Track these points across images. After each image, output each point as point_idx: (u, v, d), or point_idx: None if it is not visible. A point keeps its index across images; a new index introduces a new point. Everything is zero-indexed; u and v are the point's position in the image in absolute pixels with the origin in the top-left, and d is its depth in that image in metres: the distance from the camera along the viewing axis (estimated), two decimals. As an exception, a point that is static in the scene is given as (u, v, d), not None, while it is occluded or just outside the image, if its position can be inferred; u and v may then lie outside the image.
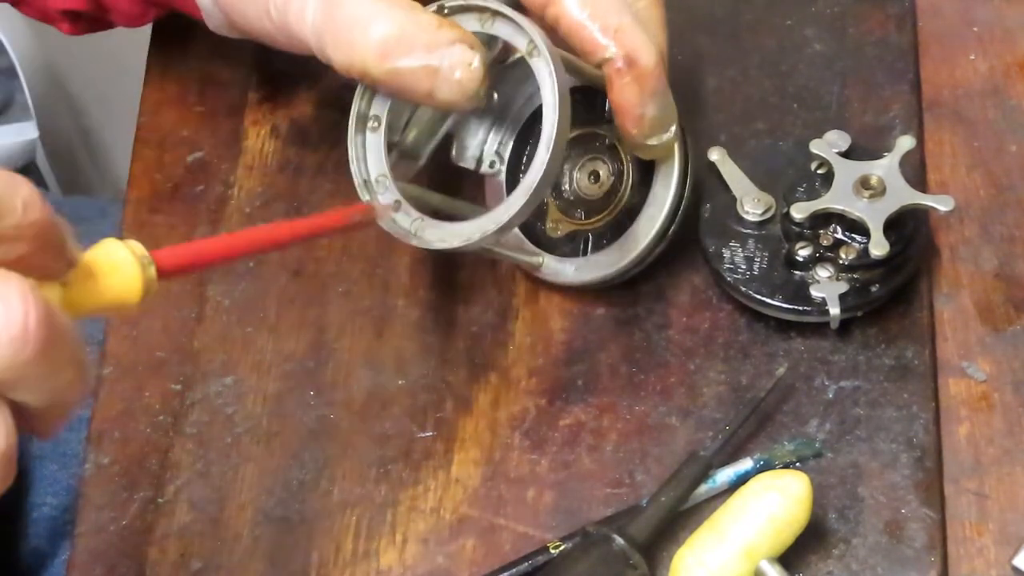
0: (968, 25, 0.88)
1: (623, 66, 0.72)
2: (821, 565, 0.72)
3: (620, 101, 0.73)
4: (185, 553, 0.75)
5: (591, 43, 0.72)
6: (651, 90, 0.72)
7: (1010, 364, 0.77)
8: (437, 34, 0.70)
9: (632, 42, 0.71)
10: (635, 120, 0.73)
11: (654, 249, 0.78)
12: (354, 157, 0.76)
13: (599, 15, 0.71)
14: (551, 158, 0.70)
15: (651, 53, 0.72)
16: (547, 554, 0.73)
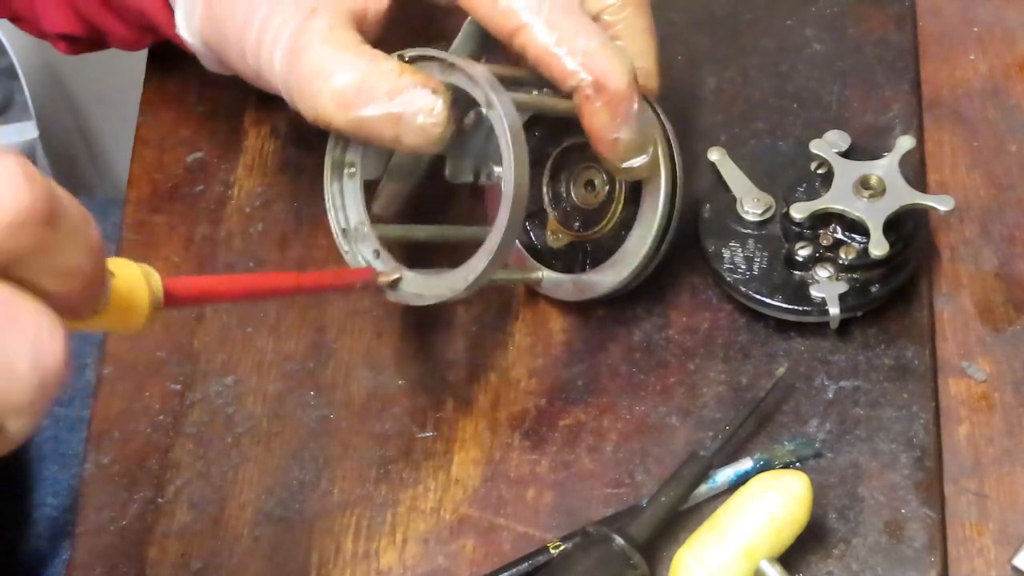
0: (968, 25, 0.88)
1: (592, 92, 0.70)
2: (821, 565, 0.72)
3: (592, 128, 0.71)
4: (185, 553, 0.75)
5: (559, 71, 0.70)
6: (623, 115, 0.71)
7: (1010, 364, 0.77)
8: (398, 81, 0.69)
9: (601, 66, 0.70)
10: (609, 146, 0.72)
11: (648, 266, 0.77)
12: (332, 206, 0.76)
13: (566, 40, 0.70)
14: (511, 219, 0.70)
15: (621, 76, 0.70)
16: (547, 554, 0.73)
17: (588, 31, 0.70)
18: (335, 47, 0.69)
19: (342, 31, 0.70)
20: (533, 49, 0.70)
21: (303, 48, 0.70)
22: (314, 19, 0.70)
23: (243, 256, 0.82)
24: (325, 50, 0.69)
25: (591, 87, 0.70)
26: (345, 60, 0.69)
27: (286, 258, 0.83)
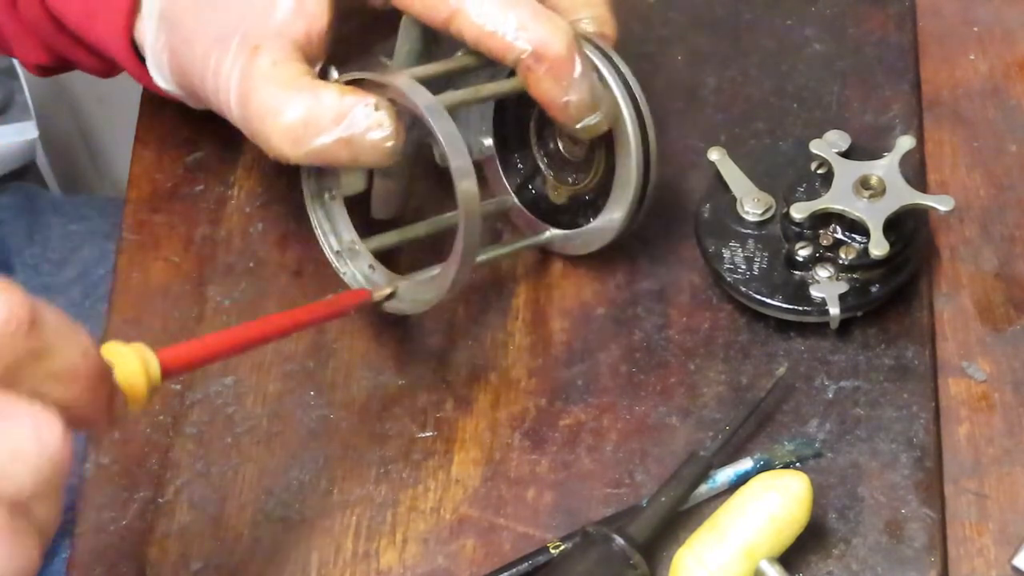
0: (968, 25, 0.88)
1: (533, 62, 0.71)
2: (821, 565, 0.72)
3: (540, 96, 0.73)
4: (185, 553, 0.75)
5: (497, 49, 0.71)
6: (567, 77, 0.72)
7: (1010, 364, 0.77)
8: (341, 105, 0.70)
9: (536, 36, 0.71)
10: (560, 109, 0.73)
11: (640, 205, 0.77)
12: (321, 232, 0.78)
13: (497, 17, 0.71)
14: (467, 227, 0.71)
15: (559, 40, 0.71)
16: (547, 554, 0.73)
17: (518, 2, 0.71)
18: (279, 85, 0.71)
19: (285, 66, 0.71)
20: (469, 33, 0.72)
21: (251, 90, 0.71)
22: (257, 58, 0.71)
23: (243, 256, 0.82)
24: (270, 90, 0.71)
25: (531, 57, 0.71)
26: (288, 97, 0.71)
27: (286, 258, 0.83)
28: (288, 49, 0.72)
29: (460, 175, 0.71)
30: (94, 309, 0.99)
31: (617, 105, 0.75)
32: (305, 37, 0.72)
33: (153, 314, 0.82)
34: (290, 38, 0.72)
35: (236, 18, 0.73)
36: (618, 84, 0.75)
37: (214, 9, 0.74)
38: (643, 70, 0.87)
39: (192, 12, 0.75)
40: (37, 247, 1.02)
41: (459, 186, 0.71)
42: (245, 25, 0.73)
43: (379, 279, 0.78)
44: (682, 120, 0.86)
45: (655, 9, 0.90)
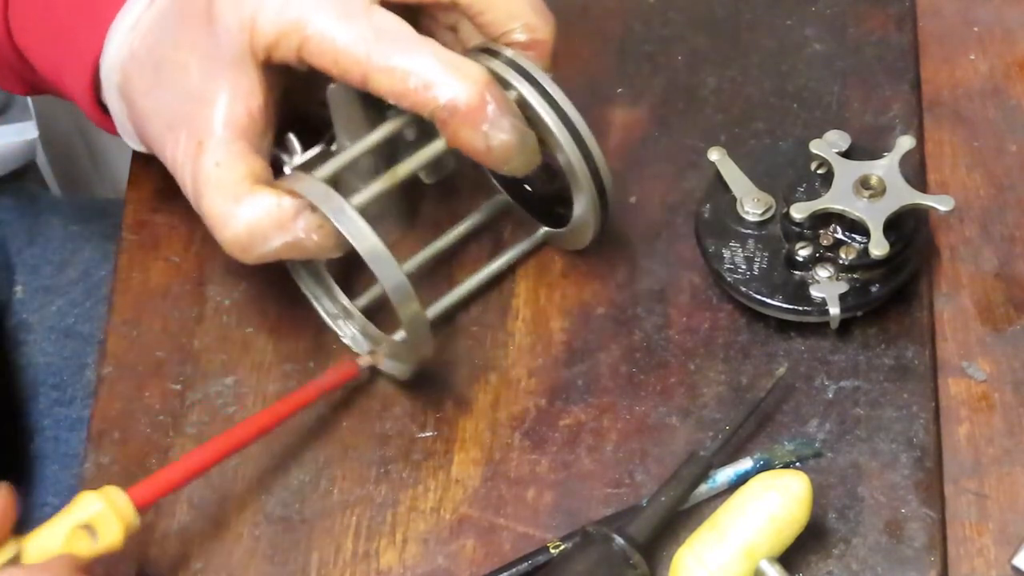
0: (968, 25, 0.88)
1: (447, 114, 0.71)
2: (821, 565, 0.72)
3: (460, 146, 0.72)
4: (185, 553, 0.75)
5: (412, 104, 0.71)
6: (483, 123, 0.71)
7: (1010, 364, 0.77)
8: (282, 214, 0.72)
9: (445, 87, 0.71)
10: (484, 156, 0.72)
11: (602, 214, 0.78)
12: (313, 298, 0.79)
13: (405, 74, 0.71)
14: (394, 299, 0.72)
15: (468, 88, 0.71)
16: (547, 554, 0.73)
17: (422, 55, 0.71)
18: (222, 195, 0.72)
19: (228, 169, 0.73)
20: (384, 91, 0.72)
21: (199, 196, 0.73)
22: (202, 157, 0.73)
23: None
24: (215, 199, 0.73)
25: (443, 110, 0.71)
26: (230, 209, 0.72)
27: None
28: (230, 141, 0.73)
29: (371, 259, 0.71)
30: (95, 310, 0.99)
31: (548, 131, 0.75)
32: (247, 118, 0.73)
33: (153, 314, 0.82)
34: (232, 124, 0.73)
35: (181, 102, 0.74)
36: (546, 108, 0.75)
37: (162, 91, 0.75)
38: (643, 70, 0.88)
39: (144, 92, 0.76)
40: (37, 248, 1.02)
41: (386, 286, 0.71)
42: (189, 112, 0.74)
43: (374, 339, 0.79)
44: (682, 120, 0.86)
45: (655, 9, 0.90)
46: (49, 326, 0.99)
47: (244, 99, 0.73)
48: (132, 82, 0.76)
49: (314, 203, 0.71)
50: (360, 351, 0.79)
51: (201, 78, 0.74)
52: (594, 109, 0.87)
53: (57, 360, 0.99)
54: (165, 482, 0.71)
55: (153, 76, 0.75)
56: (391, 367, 0.78)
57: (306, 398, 0.75)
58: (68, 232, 1.03)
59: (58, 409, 0.98)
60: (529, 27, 0.75)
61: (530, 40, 0.76)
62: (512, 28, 0.75)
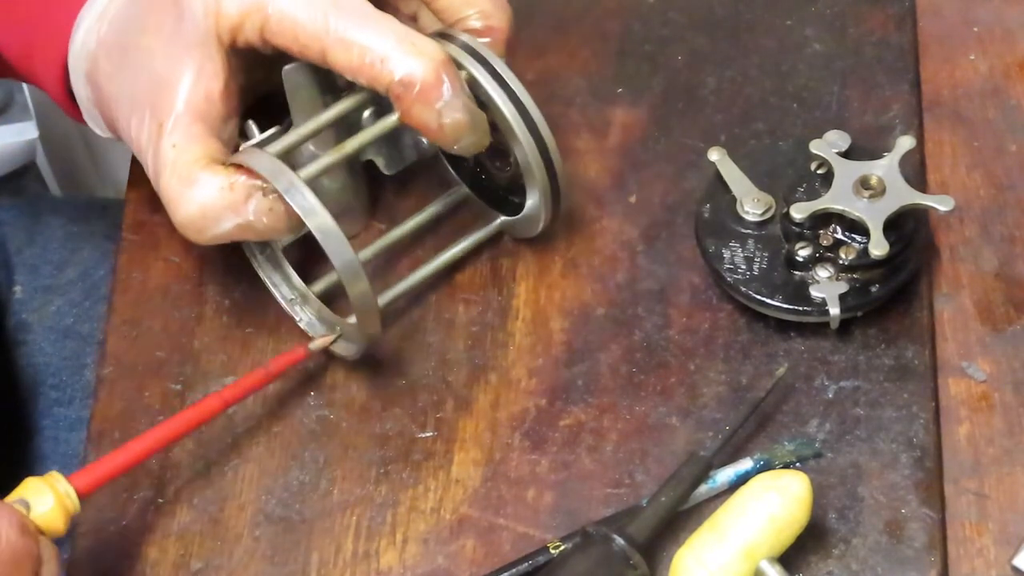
0: (968, 25, 0.88)
1: (402, 90, 0.72)
2: (821, 565, 0.72)
3: (412, 121, 0.73)
4: (185, 553, 0.75)
5: (369, 79, 0.73)
6: (437, 101, 0.72)
7: (1010, 364, 0.77)
8: (234, 197, 0.73)
9: (402, 62, 0.72)
10: (435, 133, 0.73)
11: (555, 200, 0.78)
12: (271, 284, 0.80)
13: (363, 49, 0.72)
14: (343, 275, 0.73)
15: (424, 66, 0.72)
16: (547, 554, 0.73)
17: (379, 30, 0.73)
18: (177, 178, 0.73)
19: (184, 150, 0.74)
20: (342, 66, 0.73)
21: (157, 176, 0.75)
22: (162, 141, 0.74)
23: (243, 256, 0.82)
24: (170, 181, 0.74)
25: (399, 85, 0.72)
26: (183, 191, 0.73)
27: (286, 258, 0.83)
28: (188, 123, 0.74)
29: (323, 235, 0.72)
30: (94, 310, 0.99)
31: (499, 112, 0.75)
32: (206, 101, 0.75)
33: (153, 314, 0.82)
34: (192, 106, 0.75)
35: (145, 85, 0.76)
36: (497, 90, 0.75)
37: (128, 75, 0.76)
38: (643, 70, 0.88)
39: (110, 77, 0.77)
40: (37, 248, 1.02)
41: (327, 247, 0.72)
42: (153, 95, 0.75)
43: (329, 323, 0.79)
44: (682, 120, 0.86)
45: (655, 9, 0.90)
46: (48, 326, 1.00)
47: (206, 82, 0.75)
48: (99, 67, 0.77)
49: (265, 177, 0.72)
50: (315, 335, 0.79)
51: (165, 61, 0.75)
52: (594, 109, 0.87)
53: (56, 360, 0.99)
54: (108, 468, 0.72)
55: (120, 61, 0.77)
56: (342, 348, 0.78)
57: (255, 382, 0.76)
58: (67, 232, 1.03)
59: (57, 409, 0.98)
60: (484, 14, 0.77)
61: (485, 27, 0.77)
62: (467, 15, 0.77)
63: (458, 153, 0.75)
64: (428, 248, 0.83)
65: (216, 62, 0.75)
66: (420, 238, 0.83)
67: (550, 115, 0.77)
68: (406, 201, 0.85)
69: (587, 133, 0.86)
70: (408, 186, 0.85)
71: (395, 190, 0.85)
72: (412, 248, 0.83)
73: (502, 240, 0.83)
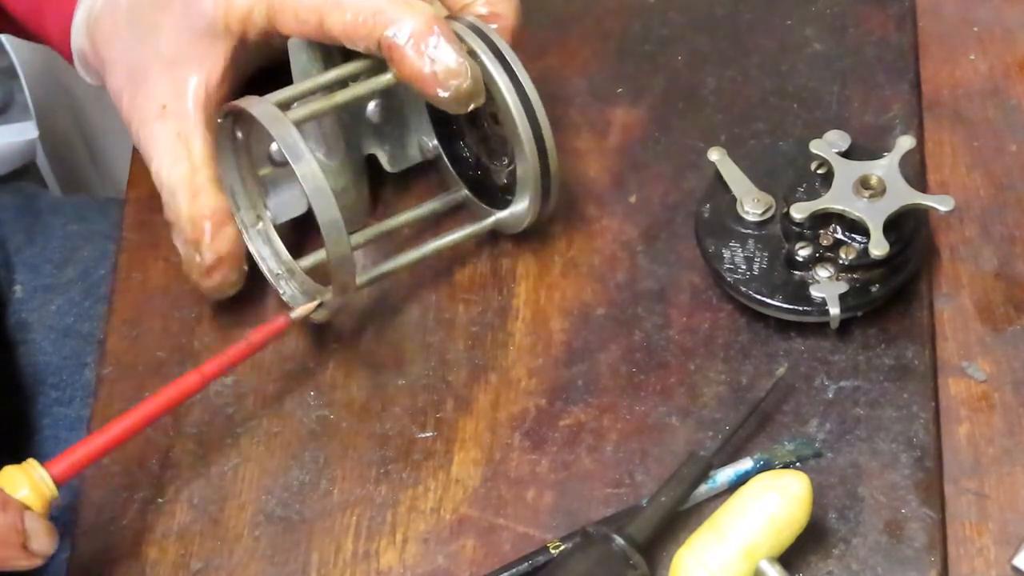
0: (968, 25, 0.88)
1: (394, 40, 0.74)
2: (821, 565, 0.72)
3: (404, 72, 0.74)
4: (185, 553, 0.75)
5: (363, 38, 0.74)
6: (429, 48, 0.73)
7: (1010, 364, 0.77)
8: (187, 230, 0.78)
9: (394, 14, 0.74)
10: (427, 82, 0.74)
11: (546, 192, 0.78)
12: (260, 257, 0.80)
13: (356, 8, 0.74)
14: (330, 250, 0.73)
15: (415, 16, 0.74)
16: (547, 554, 0.73)
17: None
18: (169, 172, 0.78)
19: (183, 142, 0.77)
20: (338, 30, 0.75)
21: (150, 157, 0.78)
22: (165, 122, 0.78)
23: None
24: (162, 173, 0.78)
25: (391, 38, 0.74)
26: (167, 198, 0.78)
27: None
28: (191, 109, 0.78)
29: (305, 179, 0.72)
30: (94, 309, 0.99)
31: (489, 74, 0.76)
32: (207, 91, 0.78)
33: (153, 314, 0.82)
34: (198, 96, 0.78)
35: (148, 58, 0.79)
36: (493, 60, 0.76)
37: (131, 41, 0.79)
38: (643, 70, 0.88)
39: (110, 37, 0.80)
40: (37, 247, 1.02)
41: (306, 187, 0.72)
42: (156, 71, 0.78)
43: (311, 294, 0.79)
44: (682, 120, 0.86)
45: (655, 9, 0.90)
46: (48, 325, 0.99)
47: (211, 72, 0.78)
48: (100, 26, 0.80)
49: (263, 123, 0.73)
50: (295, 306, 0.79)
51: (173, 42, 0.78)
52: (594, 109, 0.87)
53: (56, 359, 0.99)
54: (85, 454, 0.72)
55: (123, 27, 0.79)
56: (318, 313, 0.78)
57: (237, 355, 0.75)
58: (67, 231, 1.03)
59: (57, 409, 0.98)
60: (490, 1, 0.78)
61: (491, 14, 0.78)
62: (473, 1, 0.78)
63: (455, 107, 0.75)
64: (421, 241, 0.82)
65: (223, 52, 0.77)
66: (417, 235, 0.83)
67: (550, 115, 0.77)
68: (406, 200, 0.85)
69: (587, 133, 0.86)
70: (409, 186, 0.85)
71: (396, 190, 0.85)
72: (408, 243, 0.83)
73: (503, 240, 0.83)
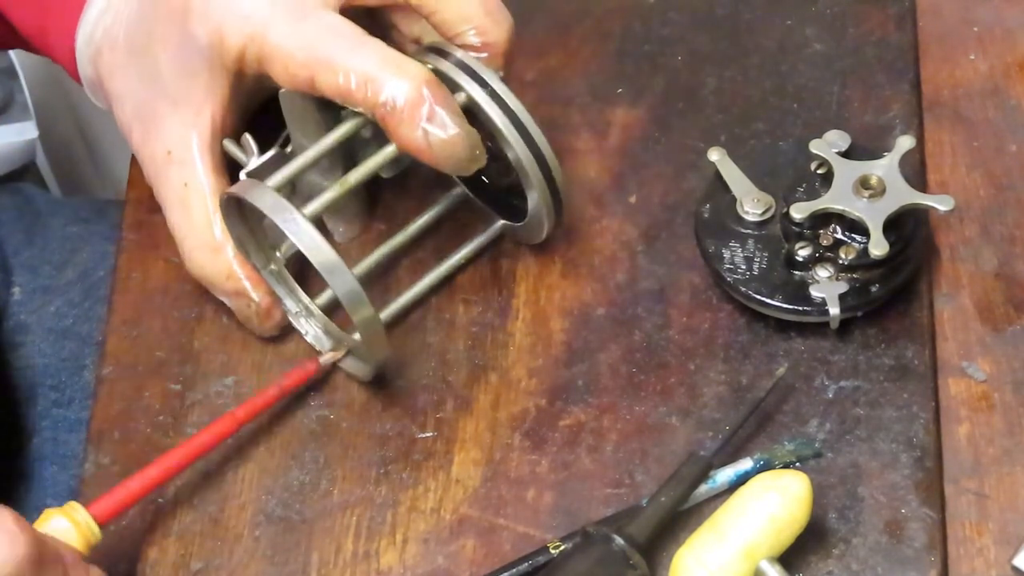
0: (968, 25, 0.88)
1: (387, 111, 0.72)
2: (821, 565, 0.72)
3: (401, 143, 0.73)
4: (185, 553, 0.75)
5: (356, 104, 0.73)
6: (421, 119, 0.72)
7: (1010, 364, 0.77)
8: (225, 285, 0.79)
9: (385, 85, 0.72)
10: (424, 153, 0.73)
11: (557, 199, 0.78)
12: (279, 296, 0.80)
13: (349, 73, 0.72)
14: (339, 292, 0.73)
15: (406, 87, 0.72)
16: (547, 554, 0.73)
17: (364, 53, 0.73)
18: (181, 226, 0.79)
19: (193, 193, 0.78)
20: (329, 92, 0.73)
21: (162, 205, 0.80)
22: (171, 169, 0.78)
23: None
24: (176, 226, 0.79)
25: (383, 108, 0.72)
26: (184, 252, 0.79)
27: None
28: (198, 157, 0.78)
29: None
30: (93, 311, 0.98)
31: (497, 130, 0.75)
32: (211, 132, 0.78)
33: (153, 314, 0.82)
34: (202, 139, 0.78)
35: (151, 94, 0.79)
36: (491, 104, 0.75)
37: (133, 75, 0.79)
38: (643, 70, 0.88)
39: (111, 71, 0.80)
40: (36, 248, 1.02)
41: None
42: (159, 109, 0.78)
43: (336, 337, 0.79)
44: (682, 120, 0.86)
45: (655, 9, 0.90)
46: (47, 327, 0.99)
47: (215, 112, 0.77)
48: (103, 58, 0.80)
49: (265, 212, 0.73)
50: (322, 348, 0.79)
51: (173, 78, 0.77)
52: (594, 109, 0.87)
53: (55, 361, 0.99)
54: (126, 495, 0.72)
55: (125, 58, 0.79)
56: (354, 368, 0.78)
57: (269, 400, 0.76)
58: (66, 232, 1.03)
59: (56, 410, 0.98)
60: (481, 30, 0.76)
61: (482, 43, 0.76)
62: (464, 30, 0.76)
63: (455, 173, 0.75)
64: (428, 249, 0.83)
65: (223, 88, 0.77)
66: (420, 240, 0.83)
67: (550, 115, 0.77)
68: (405, 202, 0.84)
69: (587, 133, 0.86)
70: (407, 187, 0.85)
71: (394, 191, 0.85)
72: (413, 250, 0.83)
73: (502, 240, 0.83)
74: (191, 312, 0.82)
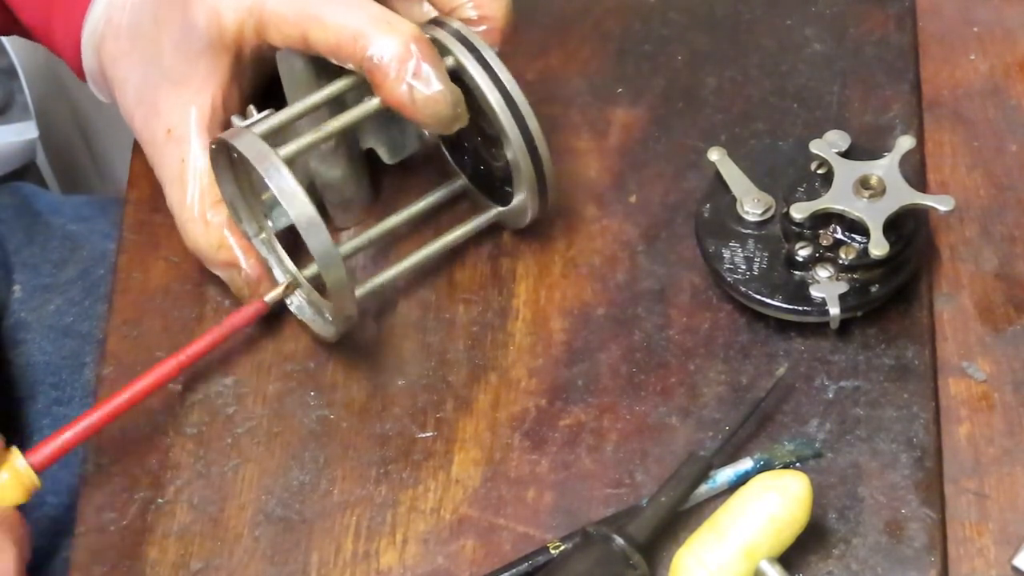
0: (968, 25, 0.88)
1: (375, 65, 0.73)
2: (821, 565, 0.72)
3: (386, 97, 0.74)
4: (185, 553, 0.75)
5: (346, 58, 0.74)
6: (406, 75, 0.73)
7: (1010, 364, 0.77)
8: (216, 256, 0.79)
9: (373, 39, 0.73)
10: (408, 108, 0.73)
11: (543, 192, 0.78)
12: (274, 263, 0.80)
13: (340, 28, 0.73)
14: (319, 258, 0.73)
15: (395, 41, 0.73)
16: (547, 554, 0.73)
17: (354, 10, 0.74)
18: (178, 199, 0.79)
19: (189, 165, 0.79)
20: (321, 48, 0.74)
21: (161, 182, 0.80)
22: (170, 147, 0.79)
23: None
24: (173, 199, 0.80)
25: (370, 62, 0.73)
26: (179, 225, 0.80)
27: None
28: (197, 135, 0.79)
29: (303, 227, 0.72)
30: (93, 309, 0.99)
31: (487, 100, 0.75)
32: (211, 111, 0.79)
33: (153, 314, 0.82)
34: (201, 119, 0.79)
35: (153, 78, 0.80)
36: (483, 75, 0.75)
37: (136, 61, 0.80)
38: (643, 70, 0.88)
39: (116, 58, 0.81)
40: (37, 246, 1.02)
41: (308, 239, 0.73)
42: (160, 92, 0.79)
43: (317, 306, 0.79)
44: (682, 120, 0.86)
45: (655, 9, 0.90)
46: (48, 325, 0.99)
47: (214, 93, 0.78)
48: (106, 47, 0.81)
49: (249, 160, 0.73)
50: (303, 318, 0.79)
51: (174, 61, 0.78)
52: (594, 109, 0.87)
53: (56, 359, 0.99)
54: (65, 443, 0.74)
55: (128, 44, 0.80)
56: (320, 328, 0.78)
57: (216, 339, 0.77)
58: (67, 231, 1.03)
59: (57, 408, 0.98)
60: (479, 4, 0.77)
61: (479, 16, 0.77)
62: (461, 3, 0.77)
63: (438, 131, 0.75)
64: (426, 237, 0.83)
65: (223, 69, 0.78)
66: (418, 228, 0.83)
67: (550, 115, 0.77)
68: (406, 191, 0.84)
69: (587, 133, 0.86)
70: (408, 177, 0.85)
71: (395, 180, 0.85)
72: (410, 237, 0.83)
73: (502, 240, 0.83)
74: (191, 312, 0.82)
